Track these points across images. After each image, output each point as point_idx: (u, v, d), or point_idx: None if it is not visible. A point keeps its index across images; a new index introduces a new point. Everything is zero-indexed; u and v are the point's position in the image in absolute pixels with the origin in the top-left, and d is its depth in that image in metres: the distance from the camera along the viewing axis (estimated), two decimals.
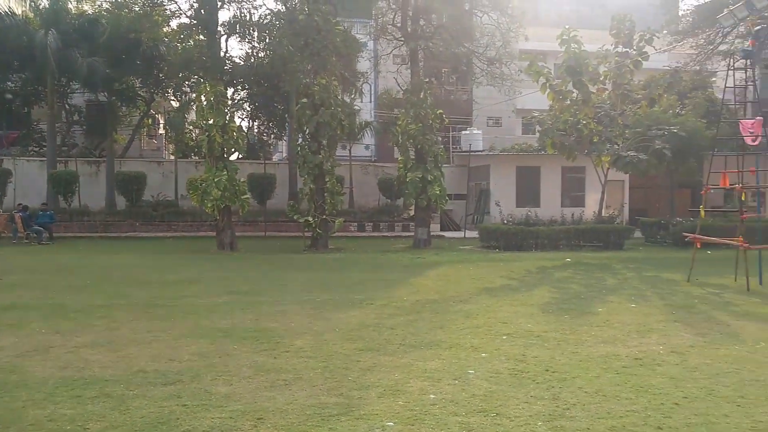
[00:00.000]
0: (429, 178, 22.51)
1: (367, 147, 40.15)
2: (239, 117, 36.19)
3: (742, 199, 13.90)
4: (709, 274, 15.03)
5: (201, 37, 25.11)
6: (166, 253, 20.54)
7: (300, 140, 22.94)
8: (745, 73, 14.09)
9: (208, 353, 7.53)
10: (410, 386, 6.23)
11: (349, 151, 33.39)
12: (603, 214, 25.08)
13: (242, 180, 22.48)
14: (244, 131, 30.18)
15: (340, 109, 22.21)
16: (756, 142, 13.42)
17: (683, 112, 27.56)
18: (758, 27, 14.61)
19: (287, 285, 13.45)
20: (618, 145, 23.88)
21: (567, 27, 24.56)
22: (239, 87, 34.29)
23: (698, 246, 14.58)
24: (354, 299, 11.41)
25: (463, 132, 36.85)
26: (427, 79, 26.44)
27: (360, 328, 8.89)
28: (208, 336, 8.43)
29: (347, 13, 29.40)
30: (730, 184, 13.88)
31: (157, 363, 7.09)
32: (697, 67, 28.53)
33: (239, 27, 27.14)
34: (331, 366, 6.94)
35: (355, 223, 29.65)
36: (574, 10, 47.96)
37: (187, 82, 31.80)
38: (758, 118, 13.45)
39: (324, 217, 21.72)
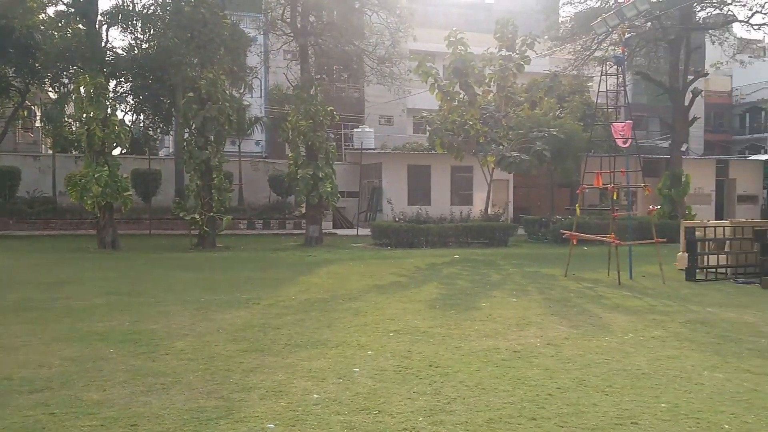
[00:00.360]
0: (320, 175, 22.43)
1: (257, 143, 39.55)
2: (122, 110, 34.72)
3: (614, 198, 14.74)
4: (584, 269, 15.85)
5: (80, 26, 23.81)
6: (43, 253, 19.37)
7: (186, 135, 22.26)
8: (617, 78, 14.92)
9: (81, 358, 7.14)
10: (294, 386, 6.16)
11: (239, 146, 32.77)
12: (489, 212, 25.90)
13: (125, 176, 21.54)
14: (127, 125, 28.97)
15: (228, 104, 21.73)
16: (626, 145, 14.25)
17: (562, 115, 28.91)
18: (628, 35, 15.51)
19: (171, 285, 13.00)
20: (502, 146, 24.72)
21: (454, 29, 25.15)
22: (122, 79, 32.79)
23: (574, 242, 15.32)
24: (240, 299, 11.18)
25: (355, 130, 36.99)
26: (318, 76, 26.41)
27: (245, 329, 8.71)
28: (82, 340, 8.00)
29: (236, 7, 28.81)
30: (603, 184, 14.67)
31: (25, 370, 6.65)
32: (575, 72, 29.98)
33: (121, 17, 25.99)
34: (213, 368, 6.75)
35: (245, 221, 29.13)
36: (462, 13, 49.21)
37: (65, 73, 30.09)
38: (628, 121, 14.29)
39: (211, 214, 21.20)
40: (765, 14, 26.63)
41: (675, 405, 5.76)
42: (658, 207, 26.96)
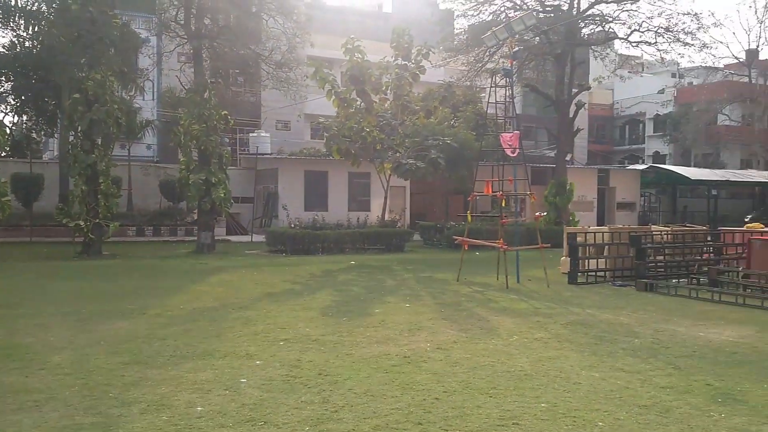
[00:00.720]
0: (213, 181, 21.90)
1: (148, 147, 38.14)
2: (2, 111, 32.64)
3: (503, 205, 15.24)
4: (475, 274, 16.28)
5: None
6: None
7: (72, 138, 21.19)
8: (505, 90, 15.46)
9: None
10: (177, 400, 5.97)
11: (128, 150, 31.53)
12: (386, 218, 26.16)
13: (3, 180, 20.24)
14: (7, 127, 27.21)
15: (116, 106, 20.86)
16: (514, 154, 14.79)
17: (456, 124, 29.64)
18: (516, 49, 16.11)
19: (51, 295, 12.31)
20: (399, 153, 25.06)
21: (352, 37, 25.32)
22: (2, 78, 30.83)
23: (466, 248, 15.73)
24: (125, 309, 10.73)
25: (251, 134, 36.40)
26: (212, 80, 25.79)
27: (128, 340, 8.37)
28: None
29: (127, 6, 27.74)
30: (493, 192, 15.15)
31: None
32: (469, 83, 30.84)
33: (2, 13, 24.48)
34: (91, 382, 6.44)
35: (134, 227, 28.03)
36: (360, 21, 49.58)
37: None
38: (516, 132, 14.84)
39: (97, 221, 20.25)
40: (642, 32, 28.41)
41: (554, 404, 6.00)
42: (545, 214, 28.17)
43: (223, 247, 23.64)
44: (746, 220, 29.19)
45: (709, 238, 17.34)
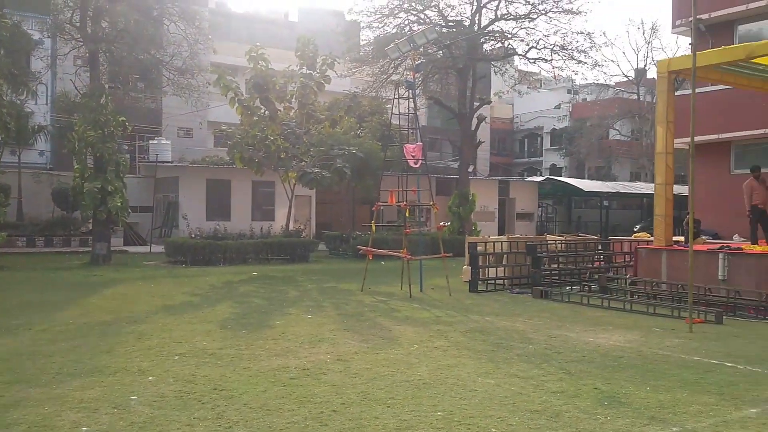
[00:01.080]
0: (109, 189, 21.03)
1: (41, 153, 36.27)
2: None
3: (407, 215, 15.43)
4: (380, 284, 16.38)
5: None
6: None
7: None
8: (408, 102, 15.68)
9: None
10: (61, 420, 5.66)
11: (19, 157, 29.88)
12: (291, 228, 25.93)
13: None
14: None
15: (5, 110, 19.76)
16: (417, 165, 15.01)
17: (361, 134, 29.80)
18: (419, 61, 16.40)
19: None
20: (304, 162, 24.93)
21: (256, 44, 25.05)
22: None
23: (371, 258, 15.80)
24: (9, 325, 10.11)
25: (151, 142, 35.29)
26: (110, 84, 24.87)
27: (10, 358, 7.88)
28: None
29: (18, 6, 26.34)
30: (397, 202, 15.31)
31: None
32: (374, 94, 31.13)
33: None
34: None
35: (24, 238, 26.56)
36: (265, 28, 49.15)
37: None
38: (419, 143, 15.08)
39: None
40: (539, 49, 29.55)
41: (450, 412, 6.08)
42: (448, 224, 28.75)
43: (119, 259, 22.74)
44: (635, 229, 30.81)
45: (599, 247, 18.18)
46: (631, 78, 50.58)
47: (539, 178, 44.33)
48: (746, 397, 6.71)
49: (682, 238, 15.67)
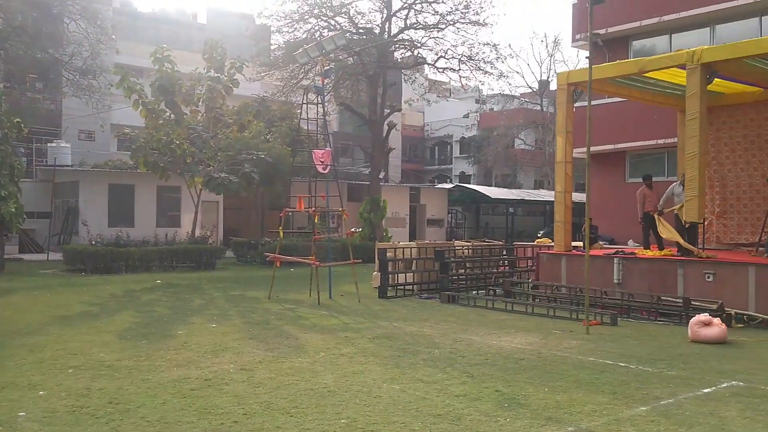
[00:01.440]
0: (2, 194, 19.88)
1: None
2: None
3: (316, 221, 15.35)
4: (288, 291, 16.22)
5: None
6: None
7: None
8: (316, 107, 15.64)
9: None
10: None
11: None
12: (197, 235, 25.30)
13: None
14: None
15: None
16: (326, 170, 14.98)
17: (271, 139, 29.49)
18: (328, 67, 16.39)
19: None
20: (211, 167, 24.42)
21: (163, 46, 24.38)
22: None
23: (278, 265, 15.62)
24: None
25: (49, 145, 33.67)
26: (5, 84, 23.56)
27: None
28: None
29: None
30: (305, 208, 15.21)
31: None
32: (284, 98, 30.89)
33: None
34: None
35: None
36: (172, 30, 47.91)
37: None
38: (327, 149, 15.05)
39: None
40: (447, 59, 30.13)
41: (354, 420, 6.07)
42: (359, 230, 28.82)
43: (14, 267, 21.54)
44: (538, 235, 31.82)
45: (504, 253, 18.68)
46: (534, 89, 52.35)
47: (449, 185, 45.16)
48: (637, 396, 7.03)
49: (581, 244, 16.30)
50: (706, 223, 16.66)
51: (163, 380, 7.37)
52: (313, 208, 15.01)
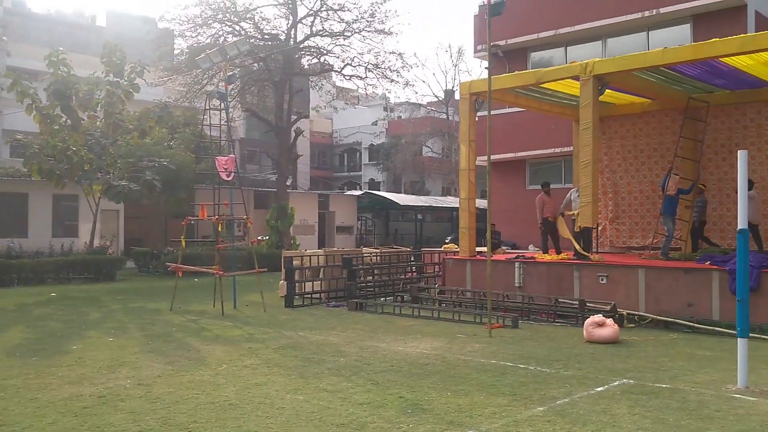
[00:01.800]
0: None
1: None
2: None
3: (219, 229, 15.04)
4: (192, 302, 15.80)
5: None
6: None
7: None
8: (220, 113, 15.34)
9: None
10: None
11: None
12: (96, 245, 24.28)
13: None
14: None
15: None
16: (230, 178, 14.70)
17: (174, 145, 28.71)
18: (231, 72, 16.12)
19: None
20: (110, 174, 23.51)
21: (59, 49, 23.34)
22: None
23: (180, 275, 15.18)
24: None
25: None
26: None
27: None
28: None
29: None
30: (208, 216, 14.87)
31: None
32: (188, 104, 30.13)
33: None
34: None
35: None
36: (69, 32, 45.92)
37: None
38: (231, 155, 14.79)
39: None
40: (354, 67, 30.25)
41: None
42: (266, 238, 28.49)
43: None
44: (446, 241, 32.38)
45: (412, 259, 18.90)
46: (440, 98, 53.40)
47: (358, 192, 45.32)
48: (535, 397, 7.25)
49: (485, 249, 16.70)
50: (600, 228, 17.46)
51: (53, 398, 7.00)
52: (217, 216, 14.70)
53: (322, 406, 6.84)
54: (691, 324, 11.64)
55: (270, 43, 29.63)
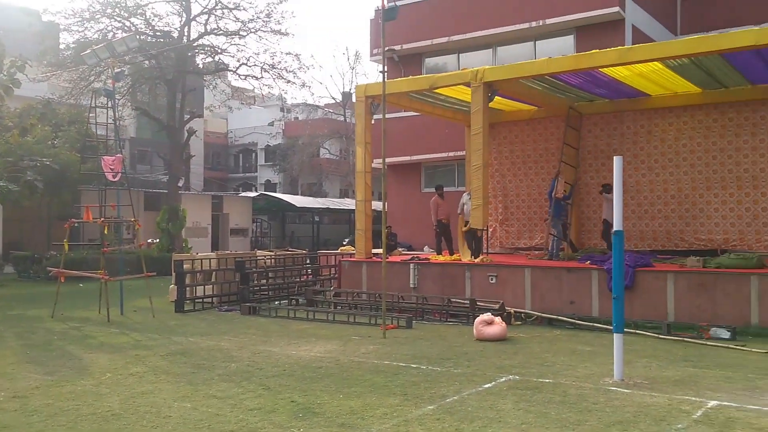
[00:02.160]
0: None
1: None
2: None
3: (105, 232, 14.43)
4: (75, 308, 15.09)
5: None
6: None
7: None
8: (106, 111, 14.74)
9: None
10: None
11: None
12: None
13: None
14: None
15: None
16: (116, 178, 14.14)
17: (57, 144, 27.26)
18: (119, 70, 15.52)
19: None
20: None
21: None
22: None
23: (62, 280, 14.47)
24: None
25: None
26: None
27: None
28: None
29: None
30: (94, 218, 14.24)
31: None
32: (73, 101, 28.69)
33: None
34: None
35: None
36: None
37: None
38: (118, 155, 14.23)
39: None
40: (249, 66, 29.80)
41: None
42: (156, 241, 27.59)
43: None
44: (343, 243, 32.45)
45: (308, 261, 18.84)
46: (338, 100, 53.47)
47: (254, 194, 44.60)
48: (425, 396, 7.40)
49: (381, 251, 16.89)
50: (490, 230, 18.04)
51: None
52: (102, 219, 14.09)
53: (211, 413, 6.70)
54: (573, 321, 12.24)
55: (162, 40, 28.72)
